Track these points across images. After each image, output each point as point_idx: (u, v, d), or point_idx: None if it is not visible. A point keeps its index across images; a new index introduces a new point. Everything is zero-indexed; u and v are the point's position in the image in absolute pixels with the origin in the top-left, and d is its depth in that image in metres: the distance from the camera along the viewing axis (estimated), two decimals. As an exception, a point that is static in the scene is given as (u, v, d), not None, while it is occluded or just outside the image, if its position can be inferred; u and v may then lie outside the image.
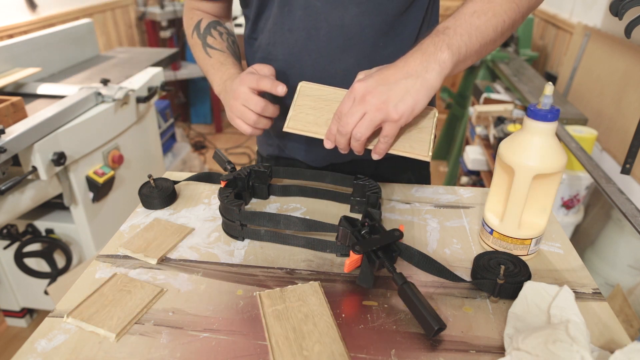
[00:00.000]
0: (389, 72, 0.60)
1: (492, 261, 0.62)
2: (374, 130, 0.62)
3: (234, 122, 0.73)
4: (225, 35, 0.86)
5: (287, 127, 0.69)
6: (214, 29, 0.85)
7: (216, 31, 0.85)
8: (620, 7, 0.90)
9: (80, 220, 1.57)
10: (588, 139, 1.62)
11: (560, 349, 0.45)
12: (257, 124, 0.71)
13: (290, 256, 0.68)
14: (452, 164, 2.81)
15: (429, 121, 0.69)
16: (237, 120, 0.72)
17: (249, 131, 0.72)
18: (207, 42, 0.83)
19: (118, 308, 0.57)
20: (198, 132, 3.57)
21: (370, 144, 0.66)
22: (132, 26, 3.03)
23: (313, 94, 0.72)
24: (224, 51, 0.82)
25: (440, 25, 0.63)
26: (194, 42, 0.85)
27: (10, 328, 1.80)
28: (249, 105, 0.70)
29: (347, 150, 0.66)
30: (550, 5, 2.61)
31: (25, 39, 1.79)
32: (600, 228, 1.73)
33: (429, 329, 0.52)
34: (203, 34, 0.84)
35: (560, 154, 0.60)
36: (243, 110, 0.70)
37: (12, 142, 1.22)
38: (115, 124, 1.66)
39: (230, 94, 0.72)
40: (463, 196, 0.84)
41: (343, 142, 0.64)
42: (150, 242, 0.70)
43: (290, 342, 0.52)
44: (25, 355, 0.52)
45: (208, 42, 0.83)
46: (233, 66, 0.80)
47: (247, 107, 0.70)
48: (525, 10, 0.66)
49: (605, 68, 1.91)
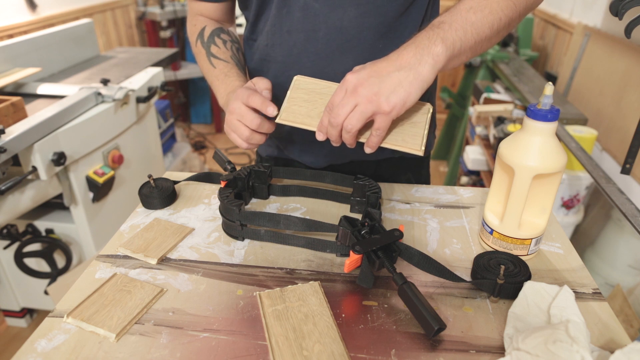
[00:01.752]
0: (381, 64, 0.60)
1: (492, 261, 0.62)
2: (365, 122, 0.61)
3: (230, 136, 0.73)
4: (229, 43, 0.85)
5: (280, 119, 0.69)
6: (218, 37, 0.84)
7: (220, 39, 0.84)
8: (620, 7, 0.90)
9: (80, 220, 1.57)
10: (588, 139, 1.62)
11: (560, 349, 0.45)
12: (251, 139, 0.71)
13: (290, 256, 0.68)
14: (452, 164, 2.81)
15: (423, 116, 0.69)
16: (233, 134, 0.72)
17: (244, 146, 0.72)
18: (211, 52, 0.83)
19: (118, 308, 0.57)
20: (198, 132, 3.58)
21: (362, 137, 0.66)
22: (132, 26, 3.03)
23: (307, 87, 0.72)
24: (228, 61, 0.82)
25: (435, 19, 0.62)
26: (198, 50, 0.85)
27: (10, 328, 1.80)
28: (244, 121, 0.69)
29: (339, 142, 0.65)
30: (550, 5, 2.61)
31: (25, 39, 1.79)
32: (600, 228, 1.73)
33: (429, 329, 0.52)
34: (207, 42, 0.84)
35: (560, 154, 0.60)
36: (237, 125, 0.70)
37: (12, 142, 1.22)
38: (115, 124, 1.66)
39: (228, 108, 0.72)
40: (463, 196, 0.84)
41: (334, 133, 0.63)
42: (150, 242, 0.70)
43: (290, 342, 0.52)
44: (25, 355, 0.52)
45: (212, 52, 0.83)
46: (237, 78, 0.79)
47: (241, 122, 0.70)
48: (523, 9, 0.66)
49: (605, 68, 1.91)
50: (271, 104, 0.68)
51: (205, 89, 3.65)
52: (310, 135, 0.68)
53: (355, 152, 0.81)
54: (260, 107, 0.68)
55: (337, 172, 0.82)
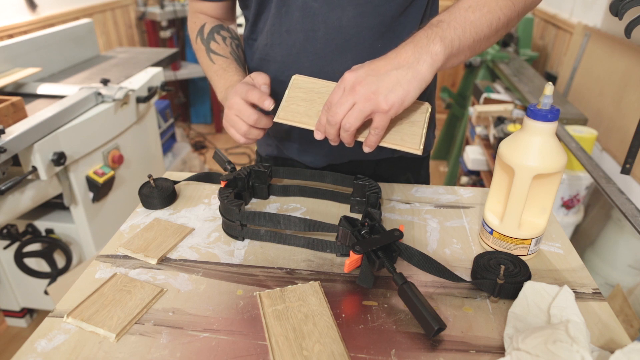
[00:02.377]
0: (380, 63, 0.60)
1: (492, 261, 0.62)
2: (363, 121, 0.61)
3: (228, 131, 0.74)
4: (228, 39, 0.86)
5: (278, 118, 0.69)
6: (217, 34, 0.85)
7: (220, 36, 0.85)
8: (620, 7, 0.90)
9: (80, 220, 1.57)
10: (588, 139, 1.62)
11: (560, 349, 0.45)
12: (249, 134, 0.71)
13: (290, 256, 0.68)
14: (452, 164, 2.81)
15: (422, 115, 0.69)
16: (231, 129, 0.73)
17: (242, 140, 0.73)
18: (210, 48, 0.83)
19: (118, 308, 0.57)
20: (198, 132, 3.57)
21: (361, 136, 0.66)
22: (132, 26, 3.03)
23: (305, 86, 0.72)
24: (227, 57, 0.83)
25: (434, 18, 0.62)
26: (198, 47, 0.86)
27: (10, 328, 1.80)
28: (242, 116, 0.70)
29: (337, 142, 0.65)
30: (550, 5, 2.61)
31: (25, 39, 1.79)
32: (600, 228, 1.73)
33: (429, 329, 0.52)
34: (207, 39, 0.84)
35: (560, 154, 0.60)
36: (236, 120, 0.71)
37: (12, 142, 1.22)
38: (115, 124, 1.66)
39: (226, 103, 0.73)
40: (463, 196, 0.84)
41: (332, 132, 0.63)
42: (150, 242, 0.70)
43: (290, 342, 0.52)
44: (25, 355, 0.52)
45: (211, 48, 0.83)
46: (236, 73, 0.80)
47: (239, 117, 0.70)
48: (522, 9, 0.66)
49: (605, 68, 1.91)
50: (268, 98, 0.68)
51: (205, 89, 3.65)
52: (310, 135, 0.68)
53: (355, 151, 0.81)
54: (258, 102, 0.68)
55: (336, 171, 0.82)
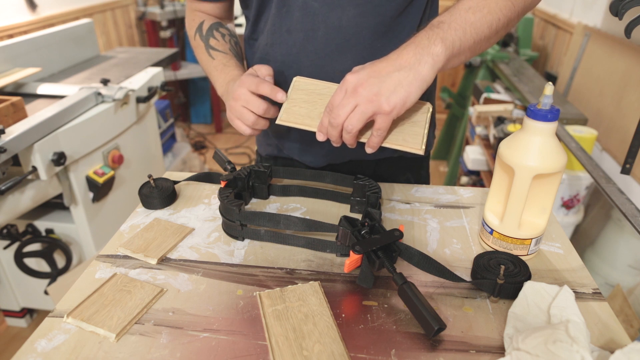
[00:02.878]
0: (381, 64, 0.60)
1: (492, 261, 0.62)
2: (365, 123, 0.61)
3: (233, 122, 0.74)
4: (227, 36, 0.86)
5: (280, 120, 0.69)
6: (216, 31, 0.85)
7: (218, 33, 0.85)
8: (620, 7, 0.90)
9: (80, 220, 1.57)
10: (588, 139, 1.62)
11: (560, 349, 0.45)
12: (256, 124, 0.72)
13: (290, 256, 0.68)
14: (452, 164, 2.81)
15: (423, 115, 0.69)
16: (237, 121, 0.73)
17: (248, 132, 0.73)
18: (209, 44, 0.84)
19: (118, 308, 0.57)
20: (198, 132, 3.57)
21: (363, 137, 0.66)
22: (132, 26, 3.03)
23: (307, 88, 0.72)
24: (226, 53, 0.83)
25: (435, 19, 0.63)
26: (197, 43, 0.86)
27: (10, 328, 1.80)
28: (250, 107, 0.70)
29: (340, 143, 0.65)
30: (550, 5, 2.61)
31: (25, 39, 1.79)
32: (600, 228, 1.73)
33: (429, 329, 0.52)
34: (205, 36, 0.84)
35: (560, 154, 0.60)
36: (243, 111, 0.71)
37: (12, 142, 1.22)
38: (115, 124, 1.66)
39: (231, 95, 0.73)
40: (463, 196, 0.84)
41: (335, 134, 0.63)
42: (150, 242, 0.70)
43: (290, 342, 0.52)
44: (25, 355, 0.52)
45: (211, 44, 0.84)
46: (235, 68, 0.80)
47: (247, 108, 0.71)
48: (521, 9, 0.66)
49: (605, 68, 1.91)
50: (280, 90, 0.69)
51: (205, 89, 3.65)
52: (310, 135, 0.68)
53: (354, 151, 0.81)
54: (270, 94, 0.69)
55: (336, 171, 0.82)
